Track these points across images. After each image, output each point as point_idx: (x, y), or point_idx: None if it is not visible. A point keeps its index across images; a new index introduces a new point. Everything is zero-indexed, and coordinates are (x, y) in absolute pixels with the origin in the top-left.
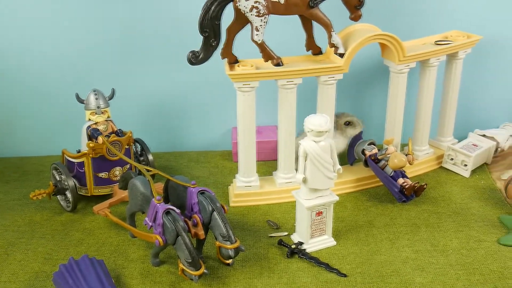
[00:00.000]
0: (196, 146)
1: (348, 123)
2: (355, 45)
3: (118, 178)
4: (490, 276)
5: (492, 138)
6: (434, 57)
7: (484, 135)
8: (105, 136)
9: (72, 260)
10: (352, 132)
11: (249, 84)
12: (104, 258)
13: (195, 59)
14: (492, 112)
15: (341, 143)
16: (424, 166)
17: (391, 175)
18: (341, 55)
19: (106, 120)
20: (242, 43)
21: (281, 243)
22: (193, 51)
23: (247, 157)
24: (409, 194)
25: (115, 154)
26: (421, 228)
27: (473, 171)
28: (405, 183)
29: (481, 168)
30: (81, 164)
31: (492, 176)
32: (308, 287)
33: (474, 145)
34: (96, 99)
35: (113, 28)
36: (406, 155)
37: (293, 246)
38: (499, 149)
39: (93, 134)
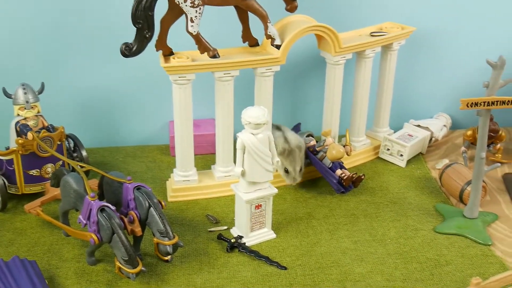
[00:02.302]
0: (133, 141)
1: (286, 171)
2: (291, 36)
3: (50, 175)
4: (427, 264)
5: (426, 128)
6: (369, 49)
7: (419, 125)
8: (36, 132)
9: (1, 262)
10: (284, 175)
11: (185, 77)
12: (36, 258)
13: (129, 51)
14: (426, 103)
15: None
16: (362, 157)
17: (330, 166)
18: (278, 47)
19: (36, 115)
20: (177, 35)
21: (220, 237)
22: (127, 43)
23: (184, 151)
24: (347, 185)
25: (47, 151)
26: (359, 218)
27: (409, 161)
28: (343, 174)
29: (417, 158)
30: (10, 162)
31: (427, 165)
32: (249, 281)
33: (410, 135)
34: (25, 93)
35: (42, 20)
36: (344, 146)
37: (232, 240)
38: (433, 139)
39: (22, 130)
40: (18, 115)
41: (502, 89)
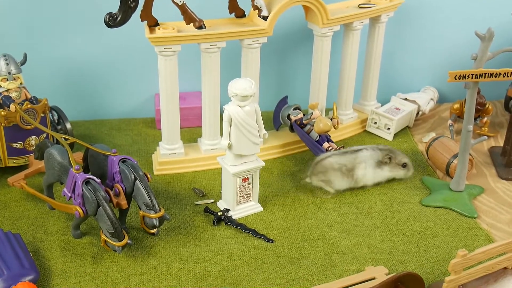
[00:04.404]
0: (118, 114)
1: (405, 165)
2: (278, 7)
3: (34, 148)
4: (413, 236)
5: (413, 102)
6: (357, 20)
7: (406, 99)
8: (18, 104)
9: None
10: (404, 174)
11: (170, 48)
12: (21, 231)
13: (113, 21)
14: (413, 76)
15: (389, 176)
16: (349, 130)
17: (317, 139)
18: (265, 18)
19: (18, 87)
20: (163, 5)
21: (207, 210)
22: (111, 13)
23: (170, 124)
24: None
25: (30, 123)
26: (346, 191)
27: (396, 134)
28: (330, 147)
29: (404, 131)
30: None
31: (414, 139)
32: (236, 253)
33: (397, 108)
34: (7, 64)
35: None
36: (331, 119)
37: (219, 213)
38: (420, 112)
39: (4, 102)
40: (0, 86)
41: (490, 61)
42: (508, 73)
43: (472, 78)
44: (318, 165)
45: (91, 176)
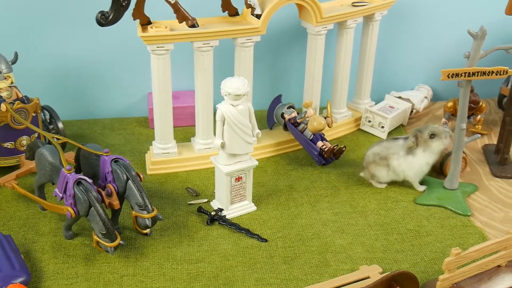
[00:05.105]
0: (111, 113)
1: (433, 135)
2: (271, 5)
3: (25, 148)
4: (407, 235)
5: (408, 100)
6: (351, 19)
7: (400, 97)
8: (9, 103)
9: None
10: (438, 146)
11: (163, 47)
12: (12, 233)
13: (105, 20)
14: (407, 74)
15: (428, 160)
16: (343, 129)
17: (311, 138)
18: (258, 16)
19: (9, 86)
20: (155, 3)
21: (200, 210)
22: (103, 11)
23: (163, 123)
24: (329, 157)
25: (21, 123)
26: (340, 190)
27: (390, 133)
28: (324, 146)
29: (398, 130)
30: None
31: None
32: (229, 253)
33: (391, 107)
34: None
35: None
36: (325, 118)
37: (213, 213)
38: (414, 110)
39: None
40: None
41: (483, 60)
42: (500, 71)
43: (465, 76)
44: (364, 157)
45: (82, 177)
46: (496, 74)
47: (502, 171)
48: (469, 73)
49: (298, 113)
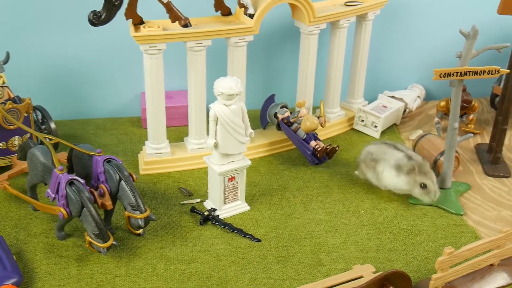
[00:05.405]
0: (103, 113)
1: (424, 186)
2: (265, 5)
3: (17, 148)
4: (400, 234)
5: (400, 99)
6: (344, 18)
7: (393, 97)
8: (1, 103)
9: None
10: (421, 195)
11: (156, 47)
12: (3, 233)
13: (97, 19)
14: (400, 74)
15: (405, 188)
16: (336, 128)
17: (304, 138)
18: (251, 16)
19: (1, 86)
20: (148, 3)
21: (193, 210)
22: (95, 11)
23: (156, 123)
24: (322, 157)
25: (13, 123)
26: (333, 190)
27: (383, 132)
28: (318, 146)
29: (391, 129)
30: None
31: (401, 136)
32: (222, 253)
33: (384, 106)
34: None
35: None
36: (318, 117)
37: (206, 213)
38: (407, 110)
39: None
40: None
41: (475, 59)
42: (492, 70)
43: (457, 76)
44: (360, 154)
45: (75, 177)
46: (488, 74)
47: (494, 170)
48: (461, 72)
49: (291, 113)
